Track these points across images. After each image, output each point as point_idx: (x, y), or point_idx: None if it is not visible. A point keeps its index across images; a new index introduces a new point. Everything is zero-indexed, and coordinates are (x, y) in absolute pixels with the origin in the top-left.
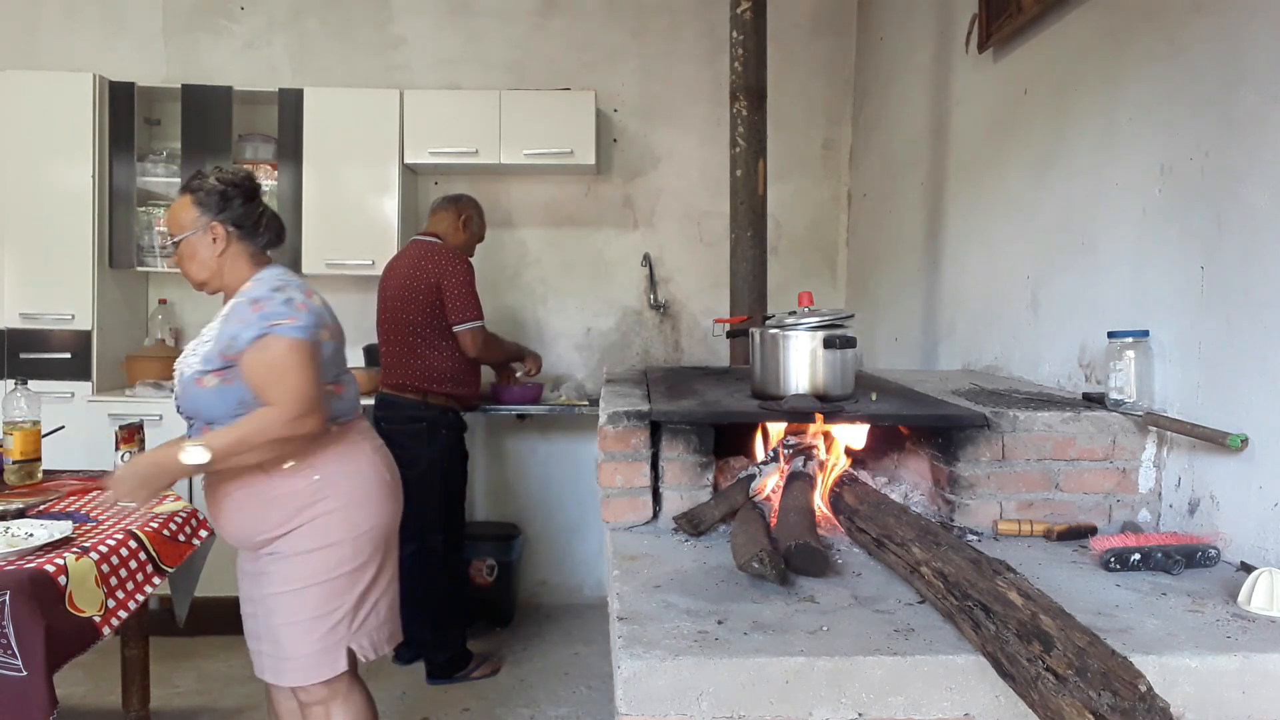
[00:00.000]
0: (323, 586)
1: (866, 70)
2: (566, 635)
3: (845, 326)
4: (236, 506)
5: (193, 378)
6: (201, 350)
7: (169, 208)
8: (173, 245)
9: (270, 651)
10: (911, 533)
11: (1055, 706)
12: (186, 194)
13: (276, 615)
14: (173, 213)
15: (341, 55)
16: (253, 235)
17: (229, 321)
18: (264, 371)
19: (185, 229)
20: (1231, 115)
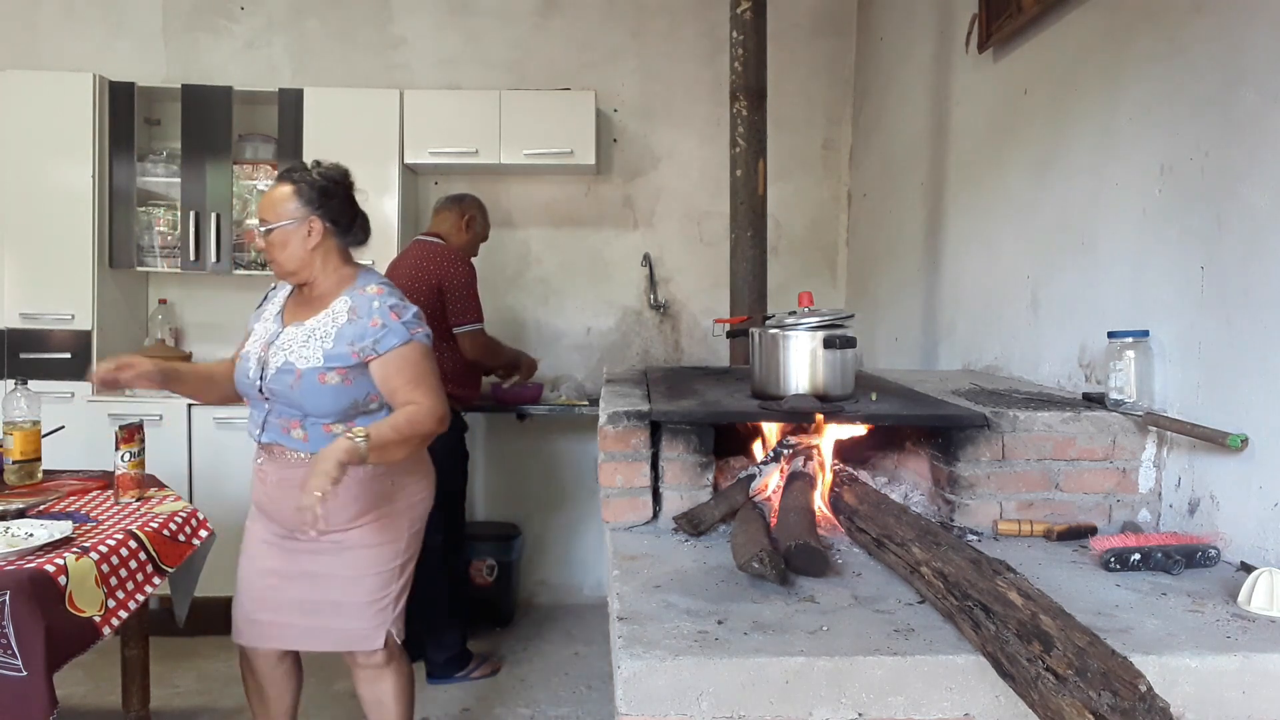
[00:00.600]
0: (379, 575)
1: (866, 70)
2: (566, 635)
3: (845, 326)
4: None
5: (314, 372)
6: (321, 347)
7: (267, 193)
8: (264, 231)
9: (308, 624)
10: (911, 533)
11: (1055, 706)
12: (288, 184)
13: (330, 591)
14: (271, 200)
15: (341, 55)
16: (346, 233)
17: (357, 324)
18: (411, 373)
19: (282, 218)
20: (1231, 115)
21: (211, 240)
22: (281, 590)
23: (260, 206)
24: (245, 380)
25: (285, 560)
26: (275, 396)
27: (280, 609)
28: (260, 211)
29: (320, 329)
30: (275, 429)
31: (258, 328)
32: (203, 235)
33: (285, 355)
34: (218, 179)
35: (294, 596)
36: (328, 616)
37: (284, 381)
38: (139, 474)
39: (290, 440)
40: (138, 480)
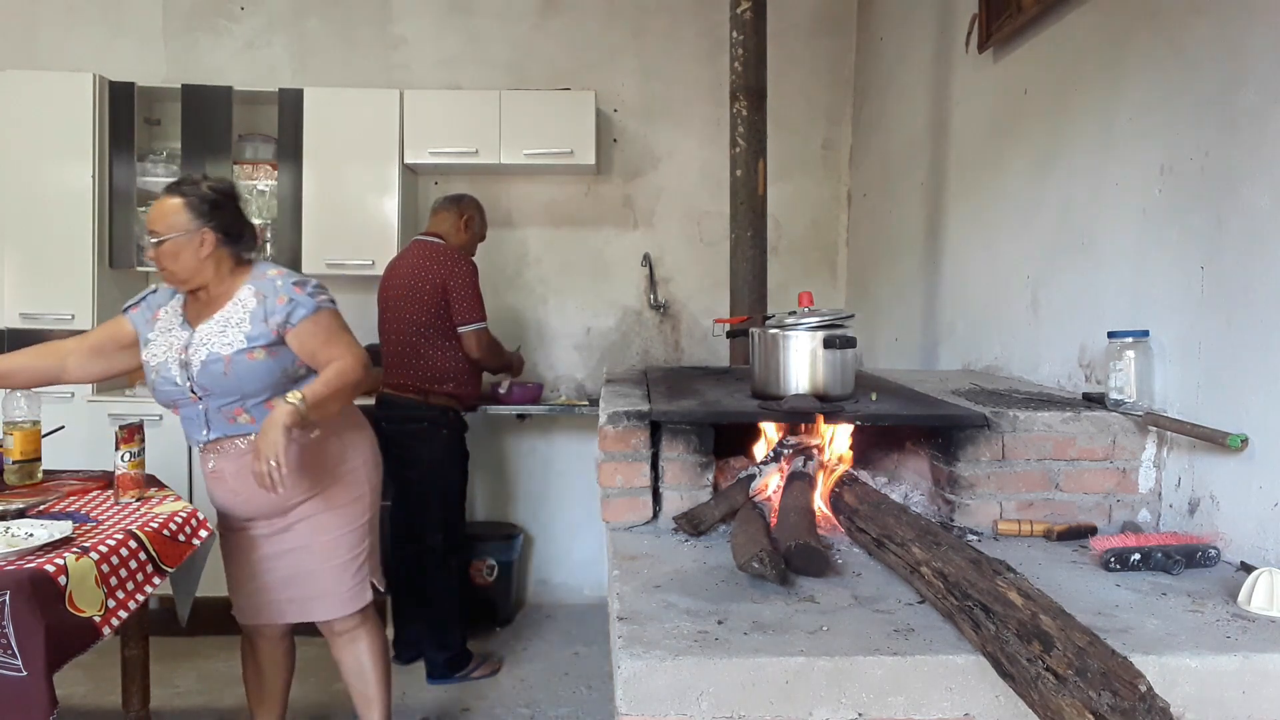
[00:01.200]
0: (353, 532)
1: (866, 70)
2: (566, 635)
3: (845, 326)
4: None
5: (240, 354)
6: (240, 331)
7: (156, 204)
8: (155, 243)
9: (303, 595)
10: (911, 533)
11: (1055, 706)
12: (178, 197)
13: (314, 560)
14: (160, 212)
15: (341, 55)
16: (237, 242)
17: (266, 304)
18: (325, 335)
19: (173, 230)
20: (1231, 115)
21: None
22: (274, 570)
23: (150, 218)
24: (171, 388)
25: (268, 544)
26: (210, 390)
27: (276, 587)
28: (150, 223)
29: (233, 317)
30: (220, 422)
31: (158, 339)
32: None
33: (207, 349)
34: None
35: (284, 574)
36: (320, 582)
37: (215, 371)
38: (139, 474)
39: (238, 427)
40: (138, 480)
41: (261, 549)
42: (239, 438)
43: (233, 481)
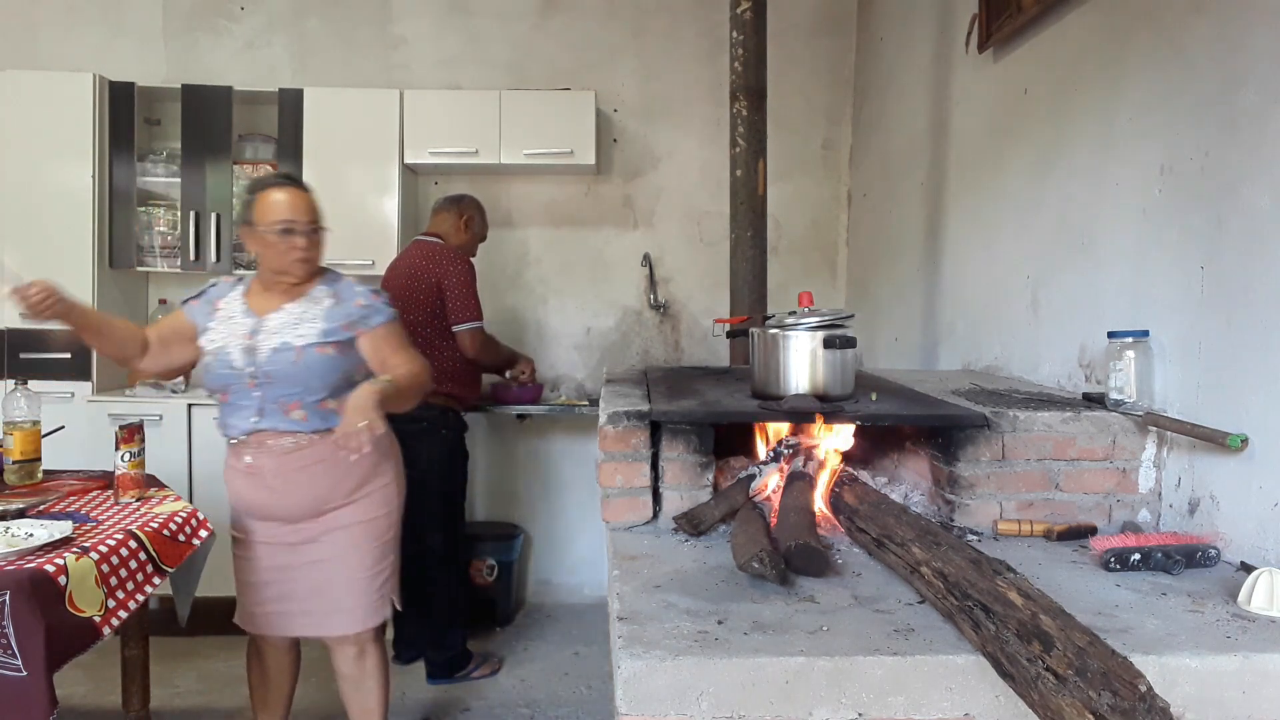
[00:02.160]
0: (379, 547)
1: (866, 70)
2: (566, 635)
3: (845, 326)
4: (312, 479)
5: (312, 347)
6: (314, 326)
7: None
8: (311, 229)
9: (322, 609)
10: (911, 533)
11: (1055, 706)
12: (310, 193)
13: (340, 574)
14: (309, 203)
15: (341, 55)
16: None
17: (343, 306)
18: (398, 342)
19: (321, 222)
20: (1231, 115)
21: (211, 240)
22: (293, 582)
23: (301, 207)
24: (227, 372)
25: (291, 554)
26: (273, 379)
27: (293, 599)
28: (300, 212)
29: (307, 312)
30: (274, 412)
31: (219, 327)
32: (203, 235)
33: (279, 337)
34: (218, 179)
35: (305, 586)
36: (338, 597)
37: (284, 359)
38: (139, 474)
39: (290, 422)
40: (138, 480)
41: (283, 558)
42: (286, 434)
43: (272, 479)
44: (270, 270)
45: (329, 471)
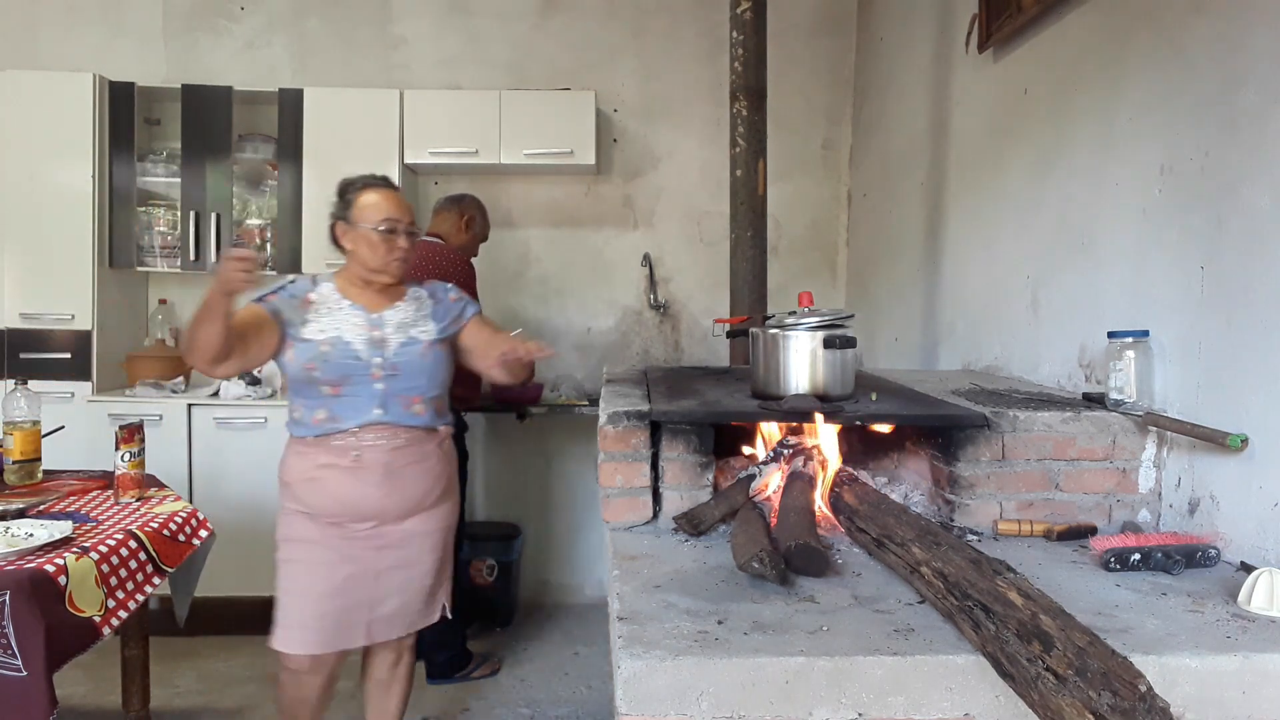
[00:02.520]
0: (443, 556)
1: (866, 70)
2: (566, 635)
3: (845, 326)
4: (416, 478)
5: (434, 344)
6: (431, 324)
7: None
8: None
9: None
10: (911, 533)
11: (1055, 706)
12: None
13: (417, 577)
14: (408, 207)
15: (341, 55)
16: None
17: (442, 305)
18: (494, 326)
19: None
20: (1231, 115)
21: (211, 240)
22: (364, 590)
23: (397, 207)
24: (351, 362)
25: (374, 558)
26: (399, 371)
27: (361, 607)
28: (401, 212)
29: (419, 311)
30: (396, 407)
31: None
32: (203, 235)
33: (405, 332)
34: (218, 179)
35: (377, 593)
36: (407, 601)
37: (413, 353)
38: (139, 474)
39: (410, 416)
40: (138, 480)
41: (362, 563)
42: (403, 428)
43: (381, 474)
44: (368, 269)
45: (429, 471)
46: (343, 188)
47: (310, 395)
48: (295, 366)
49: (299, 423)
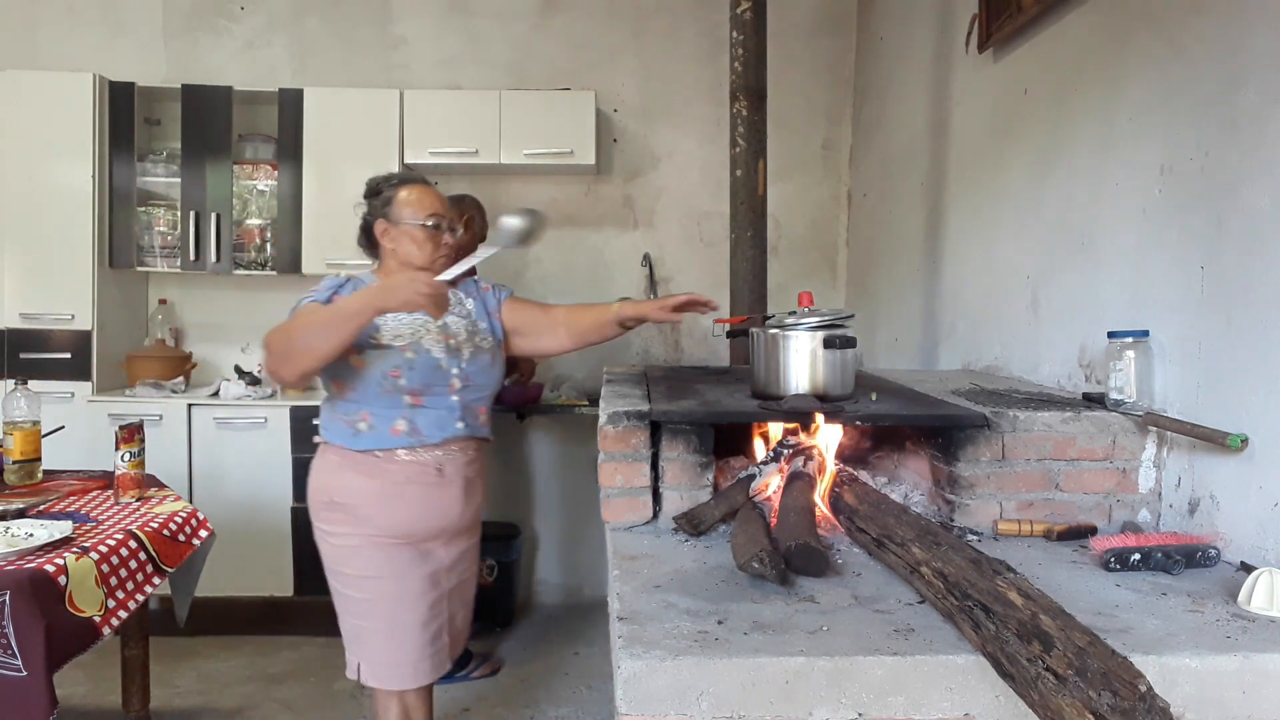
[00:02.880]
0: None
1: (866, 70)
2: (566, 635)
3: (845, 326)
4: (478, 490)
5: (497, 348)
6: (485, 325)
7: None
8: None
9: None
10: (911, 533)
11: (1055, 706)
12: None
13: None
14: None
15: (341, 55)
16: None
17: (480, 297)
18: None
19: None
20: (1231, 115)
21: (211, 240)
22: (446, 612)
23: (441, 203)
24: (433, 373)
25: (448, 577)
26: (471, 381)
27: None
28: (444, 208)
29: (471, 312)
30: (472, 419)
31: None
32: (203, 235)
33: (475, 339)
34: (218, 179)
35: (455, 606)
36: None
37: (484, 362)
38: (139, 474)
39: (480, 428)
40: (138, 480)
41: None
42: (473, 440)
43: (461, 488)
44: (414, 267)
45: (485, 482)
46: (376, 186)
47: (389, 404)
48: (373, 373)
49: (364, 434)
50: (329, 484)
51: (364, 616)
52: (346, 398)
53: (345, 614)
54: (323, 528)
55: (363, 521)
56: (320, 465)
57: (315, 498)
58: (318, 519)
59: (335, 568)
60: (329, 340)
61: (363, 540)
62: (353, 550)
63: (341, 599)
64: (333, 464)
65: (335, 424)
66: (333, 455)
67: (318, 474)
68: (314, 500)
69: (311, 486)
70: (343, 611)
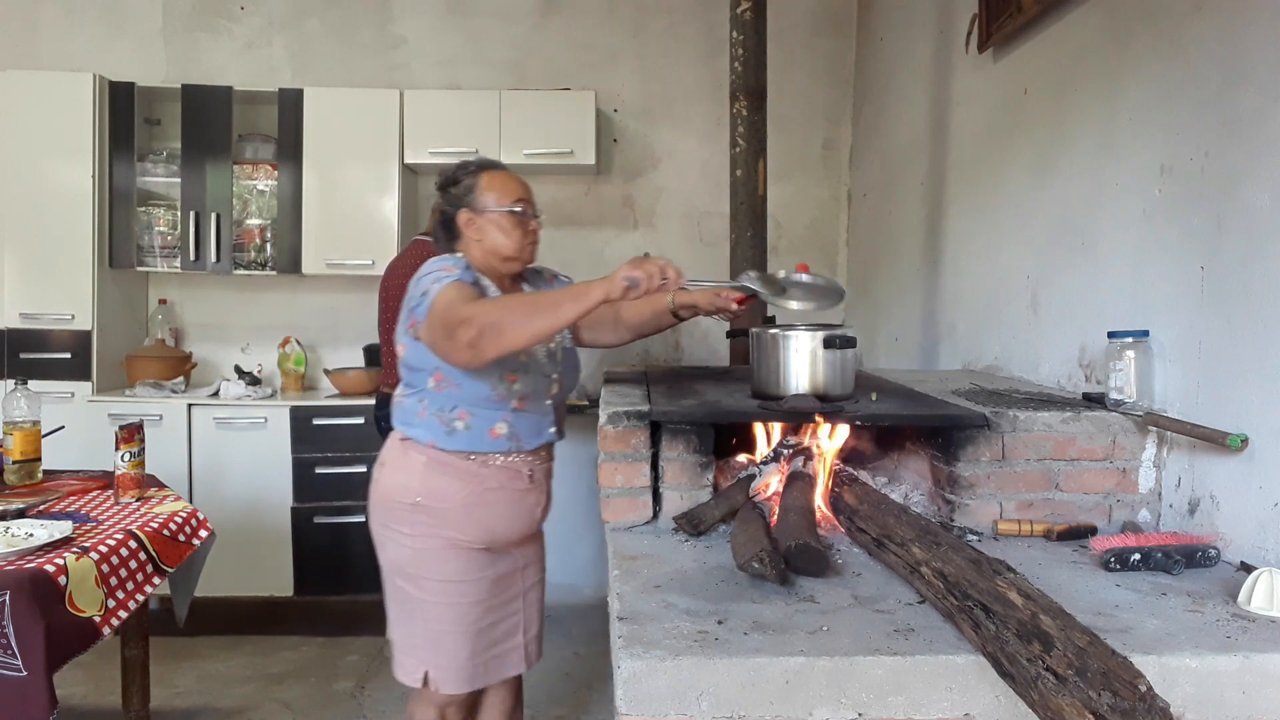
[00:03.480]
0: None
1: (866, 70)
2: (566, 635)
3: (845, 326)
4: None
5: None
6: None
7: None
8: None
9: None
10: (911, 533)
11: (1055, 706)
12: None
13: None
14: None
15: (341, 55)
16: None
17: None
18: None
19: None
20: (1231, 115)
21: (211, 240)
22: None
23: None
24: (542, 379)
25: (519, 578)
26: (563, 385)
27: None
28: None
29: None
30: (560, 422)
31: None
32: (203, 235)
33: (561, 338)
34: (218, 179)
35: (533, 611)
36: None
37: (572, 362)
38: (139, 474)
39: (561, 431)
40: (138, 480)
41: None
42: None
43: (546, 494)
44: (502, 256)
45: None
46: (454, 175)
47: (494, 407)
48: (489, 373)
49: (459, 433)
50: (413, 485)
51: (438, 621)
52: (444, 392)
53: (412, 618)
54: (400, 530)
55: (446, 525)
56: (402, 464)
57: (394, 498)
58: (392, 520)
59: (411, 571)
60: (552, 322)
61: (444, 543)
62: (430, 554)
63: (411, 603)
64: (418, 464)
65: (425, 420)
66: (417, 454)
67: (399, 473)
68: (392, 501)
69: (388, 485)
70: (408, 616)
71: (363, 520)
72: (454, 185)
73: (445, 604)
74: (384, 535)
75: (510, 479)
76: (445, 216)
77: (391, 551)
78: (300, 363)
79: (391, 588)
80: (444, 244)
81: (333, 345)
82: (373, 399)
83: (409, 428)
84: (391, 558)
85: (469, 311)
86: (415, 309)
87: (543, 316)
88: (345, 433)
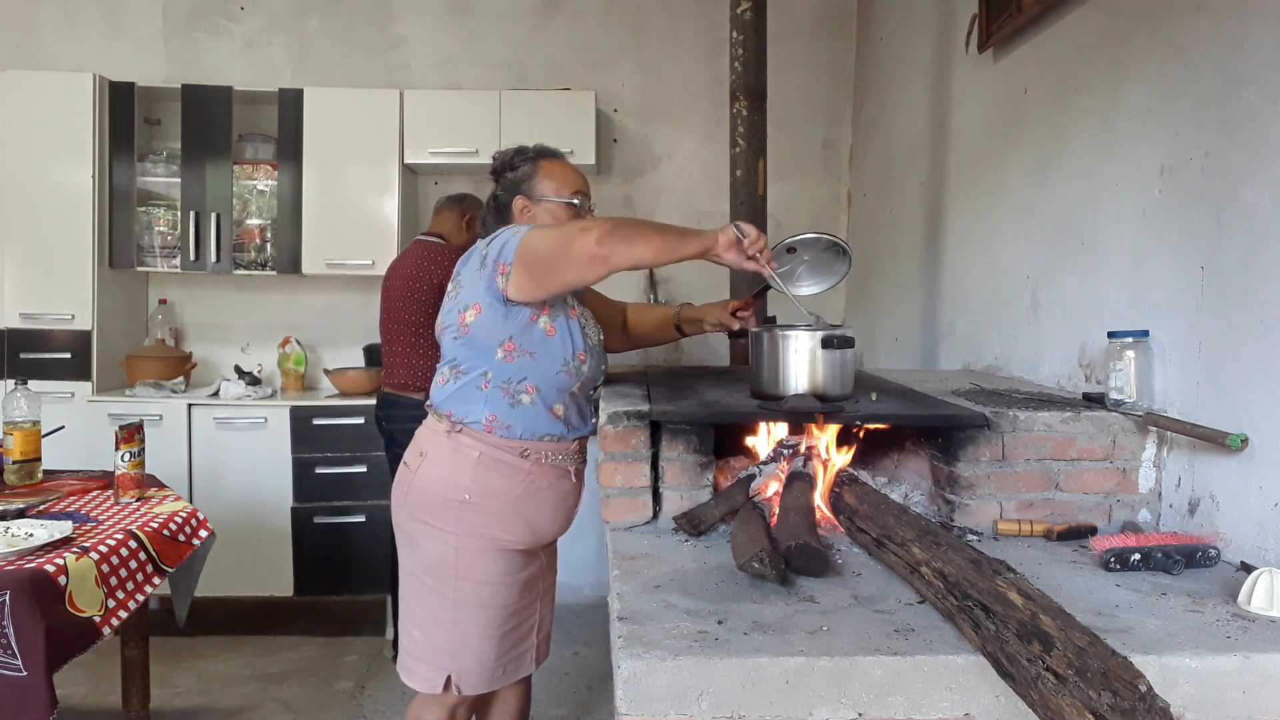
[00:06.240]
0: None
1: (866, 70)
2: (566, 635)
3: (845, 326)
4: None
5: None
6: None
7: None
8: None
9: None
10: (911, 533)
11: (1055, 706)
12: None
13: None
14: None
15: (341, 55)
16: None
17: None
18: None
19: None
20: (1231, 115)
21: (211, 240)
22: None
23: (583, 179)
24: (597, 372)
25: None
26: (601, 375)
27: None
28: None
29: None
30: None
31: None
32: (203, 235)
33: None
34: (218, 179)
35: (547, 610)
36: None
37: (602, 353)
38: (139, 474)
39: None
40: (138, 480)
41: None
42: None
43: (580, 492)
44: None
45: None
46: (510, 160)
47: (560, 384)
48: (559, 348)
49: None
50: (462, 481)
51: (468, 623)
52: (515, 362)
53: (439, 620)
54: (441, 527)
55: (493, 524)
56: (451, 459)
57: (440, 494)
58: (434, 517)
59: (448, 571)
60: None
61: (487, 543)
62: (473, 554)
63: (441, 604)
64: (469, 459)
65: (488, 393)
66: (470, 448)
67: (446, 468)
68: (437, 497)
69: (432, 480)
70: (433, 617)
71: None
72: (511, 170)
73: (478, 606)
74: (419, 531)
75: (556, 478)
76: (499, 202)
77: (428, 549)
78: (300, 363)
79: (418, 587)
80: (492, 229)
81: (333, 345)
82: (373, 399)
83: (467, 406)
84: (426, 555)
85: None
86: (498, 257)
87: (669, 240)
88: (345, 433)
